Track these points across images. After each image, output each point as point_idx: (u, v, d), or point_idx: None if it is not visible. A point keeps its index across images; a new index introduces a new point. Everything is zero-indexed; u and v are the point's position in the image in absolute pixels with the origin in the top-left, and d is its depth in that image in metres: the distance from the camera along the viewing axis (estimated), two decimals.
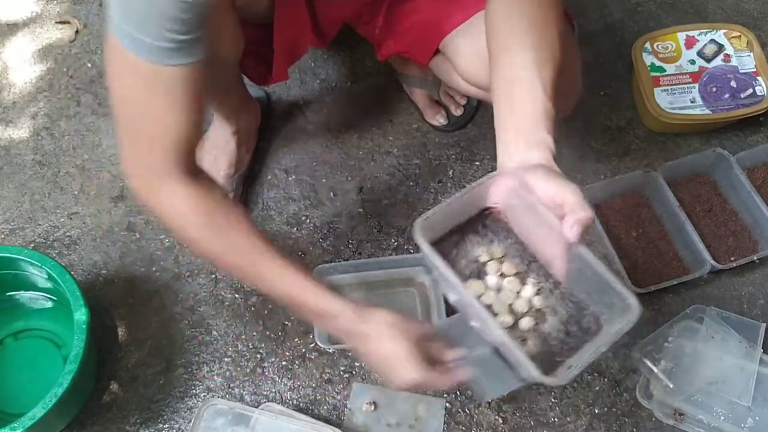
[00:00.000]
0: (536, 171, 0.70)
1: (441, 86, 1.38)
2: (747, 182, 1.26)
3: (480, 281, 0.73)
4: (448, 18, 1.06)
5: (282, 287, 0.85)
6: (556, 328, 0.72)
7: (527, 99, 0.76)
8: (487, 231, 0.75)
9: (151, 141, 0.77)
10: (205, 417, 1.05)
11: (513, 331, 0.71)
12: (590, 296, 0.72)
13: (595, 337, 0.70)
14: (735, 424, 1.09)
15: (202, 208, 0.81)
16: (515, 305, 0.72)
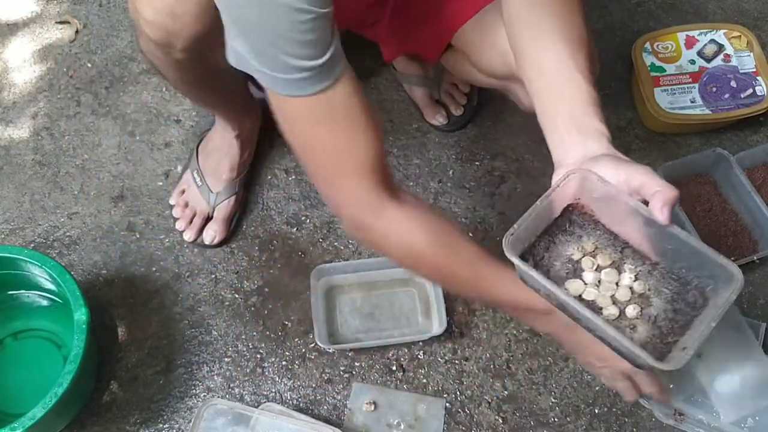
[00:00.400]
0: (602, 161, 0.69)
1: (441, 85, 1.38)
2: (747, 182, 1.26)
3: (578, 279, 0.72)
4: (458, 12, 1.05)
5: (512, 294, 0.83)
6: (662, 309, 0.71)
7: (569, 90, 0.74)
8: (574, 227, 0.75)
9: (344, 177, 0.77)
10: (205, 417, 1.05)
11: (621, 320, 0.70)
12: (691, 271, 0.71)
13: (703, 310, 0.69)
14: (735, 425, 1.09)
15: (425, 225, 0.81)
16: (617, 295, 0.71)
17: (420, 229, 0.81)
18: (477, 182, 1.34)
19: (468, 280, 0.85)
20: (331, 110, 0.72)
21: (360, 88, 0.76)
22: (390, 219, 0.79)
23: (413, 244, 0.81)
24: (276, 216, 1.30)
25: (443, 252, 0.82)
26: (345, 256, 1.26)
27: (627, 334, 0.69)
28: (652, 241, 0.72)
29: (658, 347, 0.68)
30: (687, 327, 0.69)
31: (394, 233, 0.80)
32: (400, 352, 1.18)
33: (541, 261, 0.73)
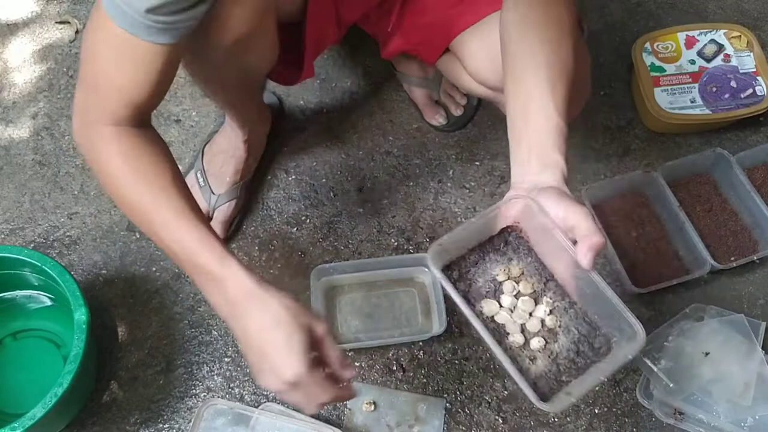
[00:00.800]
0: (548, 193, 0.71)
1: (441, 86, 1.38)
2: (747, 182, 1.26)
3: (494, 301, 0.75)
4: (460, 18, 1.06)
5: (172, 232, 0.76)
6: (566, 348, 0.74)
7: (541, 118, 0.77)
8: (508, 249, 0.77)
9: (102, 95, 0.78)
10: (205, 417, 1.05)
11: (523, 349, 0.73)
12: (602, 319, 0.74)
13: (605, 358, 0.72)
14: (735, 424, 1.09)
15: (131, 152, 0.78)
16: (528, 325, 0.74)
17: (122, 153, 0.78)
18: (477, 182, 1.34)
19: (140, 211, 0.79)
20: (138, 55, 0.75)
21: (175, 66, 0.79)
22: (102, 136, 0.79)
23: (108, 164, 0.79)
24: (276, 216, 1.30)
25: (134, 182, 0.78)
26: (345, 256, 1.26)
27: (525, 364, 0.72)
28: (576, 281, 0.74)
29: (551, 383, 0.71)
30: (583, 371, 0.72)
31: (97, 149, 0.80)
32: (400, 352, 1.18)
33: (467, 274, 0.76)
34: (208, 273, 0.76)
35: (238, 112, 1.18)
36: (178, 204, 0.77)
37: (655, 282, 1.21)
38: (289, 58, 1.08)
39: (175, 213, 0.77)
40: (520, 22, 0.83)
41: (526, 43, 0.82)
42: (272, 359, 0.72)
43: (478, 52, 1.05)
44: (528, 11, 0.83)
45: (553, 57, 0.80)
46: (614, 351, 0.72)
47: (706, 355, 1.12)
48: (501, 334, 0.73)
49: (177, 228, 0.76)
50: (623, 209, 1.30)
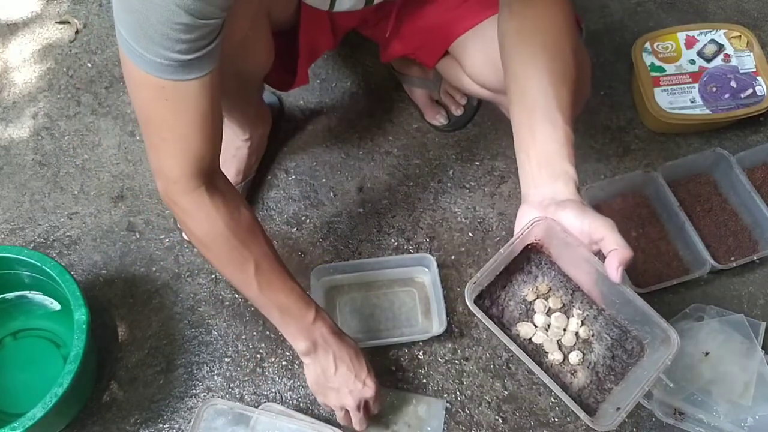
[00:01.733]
0: (567, 207, 0.70)
1: (441, 86, 1.38)
2: (747, 182, 1.26)
3: (529, 323, 0.76)
4: (458, 21, 1.06)
5: (278, 293, 0.92)
6: (602, 355, 0.75)
7: (547, 127, 0.75)
8: (531, 266, 0.78)
9: (176, 152, 0.79)
10: (205, 417, 1.05)
11: (563, 365, 0.74)
12: (632, 323, 0.75)
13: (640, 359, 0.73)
14: (735, 424, 1.09)
15: (224, 216, 0.85)
16: (563, 340, 0.75)
17: (217, 218, 0.85)
18: (477, 182, 1.34)
19: (248, 278, 0.90)
20: (180, 97, 0.74)
21: (216, 98, 0.78)
22: (194, 202, 0.83)
23: (206, 229, 0.86)
24: (276, 216, 1.30)
25: (232, 246, 0.87)
26: (345, 256, 1.26)
27: (567, 380, 0.73)
28: (602, 289, 0.74)
29: (594, 393, 0.73)
30: (622, 376, 0.73)
31: (192, 214, 0.85)
32: (400, 352, 1.18)
33: (498, 299, 0.77)
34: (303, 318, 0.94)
35: (237, 114, 1.18)
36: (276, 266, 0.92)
37: (655, 282, 1.21)
38: (284, 64, 1.09)
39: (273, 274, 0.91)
40: (519, 29, 0.83)
41: (526, 49, 0.81)
42: (358, 382, 0.98)
43: (477, 55, 1.05)
44: (525, 17, 0.82)
45: (555, 62, 0.79)
46: (648, 353, 0.73)
47: (706, 355, 1.12)
48: (541, 355, 0.75)
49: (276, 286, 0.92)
50: (623, 209, 1.30)
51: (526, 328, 0.75)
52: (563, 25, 0.82)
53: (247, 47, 0.91)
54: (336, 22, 1.09)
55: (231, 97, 1.10)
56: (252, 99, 1.18)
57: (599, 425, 0.68)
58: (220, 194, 0.85)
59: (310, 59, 1.13)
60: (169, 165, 0.81)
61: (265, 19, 0.93)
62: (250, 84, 1.09)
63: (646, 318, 0.72)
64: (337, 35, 1.13)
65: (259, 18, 0.90)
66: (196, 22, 0.67)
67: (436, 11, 1.09)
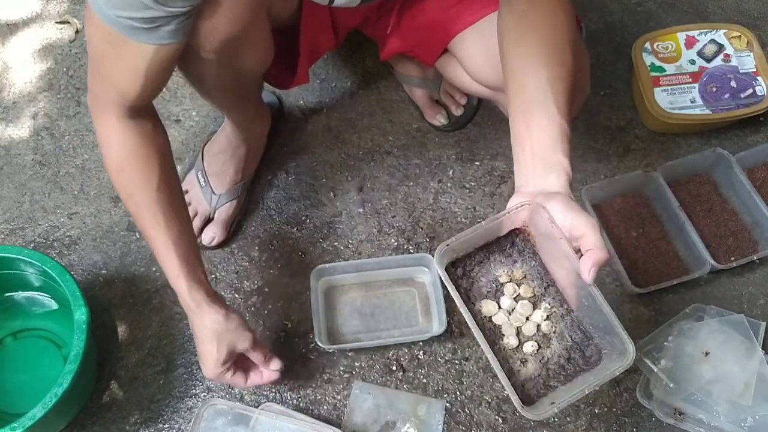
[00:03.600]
0: (555, 200, 0.71)
1: (441, 86, 1.38)
2: (747, 182, 1.26)
3: (493, 302, 0.75)
4: (457, 19, 1.06)
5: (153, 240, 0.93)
6: (558, 354, 0.74)
7: (543, 121, 0.76)
8: (513, 251, 0.78)
9: (102, 83, 0.86)
10: (205, 417, 1.05)
11: (516, 352, 0.74)
12: (596, 330, 0.75)
13: (594, 368, 0.73)
14: (735, 424, 1.09)
15: (127, 144, 0.90)
16: (524, 328, 0.75)
17: (118, 145, 0.90)
18: (477, 182, 1.34)
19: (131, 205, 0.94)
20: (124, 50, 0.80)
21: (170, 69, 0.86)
22: (105, 124, 0.90)
23: (106, 152, 0.92)
24: (276, 216, 1.30)
25: (124, 175, 0.91)
26: (345, 256, 1.26)
27: (516, 366, 0.73)
28: (575, 290, 0.74)
29: (538, 387, 0.72)
30: (571, 378, 0.73)
31: (100, 135, 0.92)
32: (400, 352, 1.18)
33: (470, 272, 0.77)
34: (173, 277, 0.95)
35: (235, 112, 1.18)
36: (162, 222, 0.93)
37: (655, 282, 1.21)
38: (284, 62, 1.08)
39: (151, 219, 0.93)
40: (518, 25, 0.83)
41: (524, 45, 0.81)
42: (201, 362, 1.00)
43: (476, 53, 1.05)
44: (525, 14, 0.83)
45: (553, 58, 0.79)
46: (604, 363, 0.73)
47: (706, 355, 1.12)
48: (496, 335, 0.74)
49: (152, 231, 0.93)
50: (623, 209, 1.30)
51: (489, 306, 0.75)
52: (563, 22, 0.83)
53: (246, 44, 0.91)
54: (338, 20, 1.09)
55: (230, 95, 1.10)
56: (251, 97, 1.18)
57: (528, 412, 0.69)
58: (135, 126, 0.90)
59: (311, 58, 1.13)
60: (100, 89, 0.88)
61: (264, 15, 0.93)
62: (249, 81, 1.08)
63: (609, 327, 0.72)
64: (339, 34, 1.13)
65: (258, 14, 0.90)
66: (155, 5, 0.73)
67: (435, 8, 1.09)
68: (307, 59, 1.09)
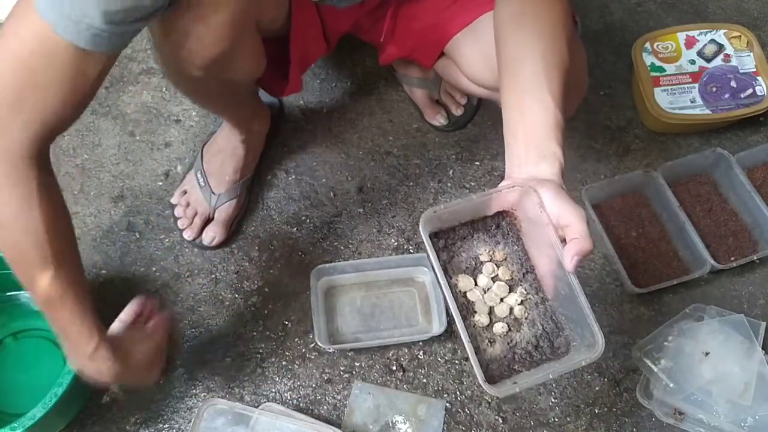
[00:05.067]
0: (546, 187, 0.71)
1: (441, 86, 1.38)
2: (747, 182, 1.26)
3: (470, 278, 0.75)
4: (452, 21, 1.06)
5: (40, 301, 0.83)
6: (526, 340, 0.74)
7: (538, 109, 0.76)
8: (498, 232, 0.77)
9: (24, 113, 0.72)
10: (205, 417, 1.05)
11: (486, 331, 0.74)
12: (569, 321, 0.75)
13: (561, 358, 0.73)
14: (735, 424, 1.09)
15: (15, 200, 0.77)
16: (496, 309, 0.75)
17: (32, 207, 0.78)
18: (477, 182, 1.34)
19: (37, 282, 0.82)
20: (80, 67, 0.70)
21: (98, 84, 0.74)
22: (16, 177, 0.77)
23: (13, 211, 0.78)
24: (276, 216, 1.30)
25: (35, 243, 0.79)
26: (345, 256, 1.26)
27: (483, 345, 0.73)
28: (554, 280, 0.74)
29: (503, 369, 0.72)
30: (536, 365, 0.73)
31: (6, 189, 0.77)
32: (400, 352, 1.18)
33: (452, 246, 0.77)
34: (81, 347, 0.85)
35: (231, 116, 1.18)
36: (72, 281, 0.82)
37: (655, 282, 1.21)
38: (277, 69, 1.08)
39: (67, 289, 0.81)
40: (514, 16, 0.83)
41: (520, 35, 0.81)
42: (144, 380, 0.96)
43: (472, 54, 1.05)
44: (521, 6, 0.83)
45: (549, 48, 0.79)
46: (571, 354, 0.73)
47: (706, 355, 1.12)
48: (468, 311, 0.74)
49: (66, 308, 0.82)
50: (623, 209, 1.30)
51: (465, 282, 0.75)
52: (560, 14, 0.83)
53: (235, 58, 0.90)
54: (328, 26, 1.09)
55: (222, 103, 1.10)
56: (246, 100, 1.18)
57: (491, 389, 0.69)
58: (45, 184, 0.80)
59: (302, 66, 1.13)
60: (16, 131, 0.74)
61: (253, 28, 0.92)
62: (240, 89, 1.08)
63: (581, 318, 0.72)
64: (331, 40, 1.13)
65: (247, 29, 0.90)
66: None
67: (429, 12, 1.09)
68: (298, 67, 1.09)
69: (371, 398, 1.13)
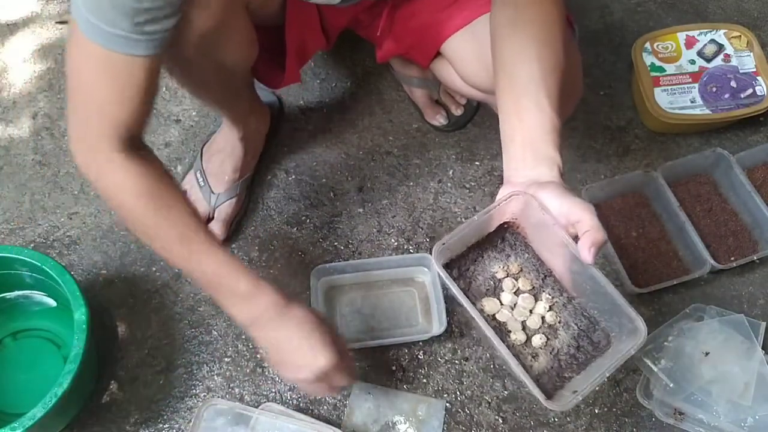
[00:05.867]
0: (548, 188, 0.71)
1: (441, 86, 1.38)
2: (747, 182, 1.26)
3: (495, 299, 0.75)
4: (449, 21, 1.07)
5: (210, 265, 0.86)
6: (567, 344, 0.74)
7: (534, 112, 0.76)
8: (505, 245, 0.77)
9: (93, 120, 0.80)
10: (205, 417, 1.05)
11: (525, 347, 0.73)
12: (602, 314, 0.74)
13: (605, 353, 0.73)
14: (735, 424, 1.09)
15: (142, 181, 0.83)
16: (528, 322, 0.74)
17: (133, 183, 0.83)
18: (477, 182, 1.34)
19: (175, 249, 0.86)
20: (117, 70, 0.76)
21: (155, 82, 0.81)
22: (107, 165, 0.82)
23: (121, 195, 0.84)
24: (276, 216, 1.30)
25: (153, 212, 0.84)
26: (345, 256, 1.26)
27: (528, 362, 0.72)
28: (574, 276, 0.74)
29: (553, 380, 0.72)
30: (584, 366, 0.72)
31: (112, 183, 0.84)
32: (400, 352, 1.18)
33: (467, 272, 0.76)
34: (241, 293, 0.88)
35: (227, 109, 1.18)
36: (204, 236, 0.87)
37: (655, 282, 1.21)
38: (274, 60, 1.08)
39: (210, 247, 0.86)
40: (510, 21, 0.83)
41: (516, 39, 0.81)
42: (309, 354, 0.88)
43: (468, 56, 1.05)
44: (517, 9, 0.83)
45: (544, 52, 0.80)
46: (614, 345, 0.72)
47: (706, 355, 1.12)
48: (503, 333, 0.74)
49: (207, 257, 0.86)
50: (623, 209, 1.30)
51: (491, 304, 0.74)
52: (555, 18, 0.83)
53: (225, 39, 0.91)
54: (327, 20, 1.09)
55: (217, 91, 1.10)
56: (242, 94, 1.18)
57: (554, 405, 0.68)
58: (141, 159, 0.84)
59: (300, 58, 1.13)
60: (92, 129, 0.81)
61: (243, 10, 0.93)
62: (235, 77, 1.08)
63: (615, 307, 0.71)
64: (330, 35, 1.13)
65: (236, 9, 0.90)
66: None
67: (427, 11, 1.09)
68: (294, 58, 1.09)
69: (371, 398, 1.13)
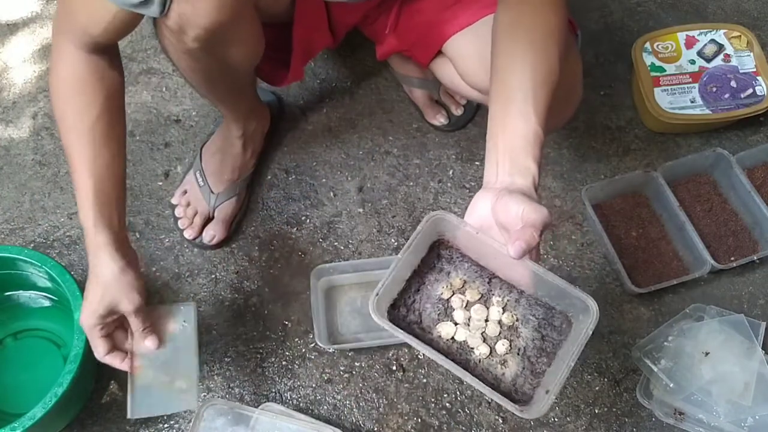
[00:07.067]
0: (513, 195, 0.72)
1: (441, 86, 1.38)
2: (747, 182, 1.26)
3: (448, 322, 0.75)
4: (453, 20, 1.06)
5: (78, 179, 0.91)
6: (531, 338, 0.74)
7: (519, 122, 0.77)
8: (443, 263, 0.78)
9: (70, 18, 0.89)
10: (205, 417, 1.05)
11: (492, 357, 0.74)
12: (554, 299, 0.75)
13: (568, 335, 0.73)
14: (735, 424, 1.09)
15: (79, 68, 0.90)
16: (487, 332, 0.75)
17: (71, 68, 0.90)
18: (477, 182, 1.34)
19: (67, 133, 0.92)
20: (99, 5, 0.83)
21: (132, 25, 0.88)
22: (65, 52, 0.91)
23: (54, 75, 0.92)
24: (276, 216, 1.30)
25: (69, 96, 0.91)
26: (345, 256, 1.26)
27: (499, 371, 0.72)
28: (519, 273, 0.75)
29: (529, 379, 0.72)
30: (553, 355, 0.73)
31: (56, 61, 0.92)
32: (400, 352, 1.18)
33: (413, 305, 0.76)
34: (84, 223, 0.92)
35: (229, 107, 1.18)
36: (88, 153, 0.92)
37: (655, 282, 1.21)
38: (278, 58, 1.08)
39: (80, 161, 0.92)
40: (510, 26, 0.84)
41: (513, 46, 0.82)
42: (82, 308, 0.93)
43: (470, 56, 1.05)
44: (518, 14, 0.83)
45: (539, 61, 0.80)
46: (575, 325, 0.73)
47: (706, 355, 1.12)
48: (466, 351, 0.74)
49: (79, 177, 0.91)
50: (623, 209, 1.30)
51: (446, 328, 0.75)
52: (554, 27, 0.83)
53: (232, 35, 0.91)
54: (335, 17, 1.09)
55: (222, 88, 1.09)
56: (245, 93, 1.18)
57: (529, 413, 0.67)
58: (97, 56, 0.91)
59: (305, 55, 1.13)
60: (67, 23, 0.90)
61: (251, 7, 0.92)
62: (239, 75, 1.08)
63: (563, 292, 0.71)
64: (338, 33, 1.13)
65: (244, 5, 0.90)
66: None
67: (433, 8, 1.09)
68: (300, 55, 1.09)
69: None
